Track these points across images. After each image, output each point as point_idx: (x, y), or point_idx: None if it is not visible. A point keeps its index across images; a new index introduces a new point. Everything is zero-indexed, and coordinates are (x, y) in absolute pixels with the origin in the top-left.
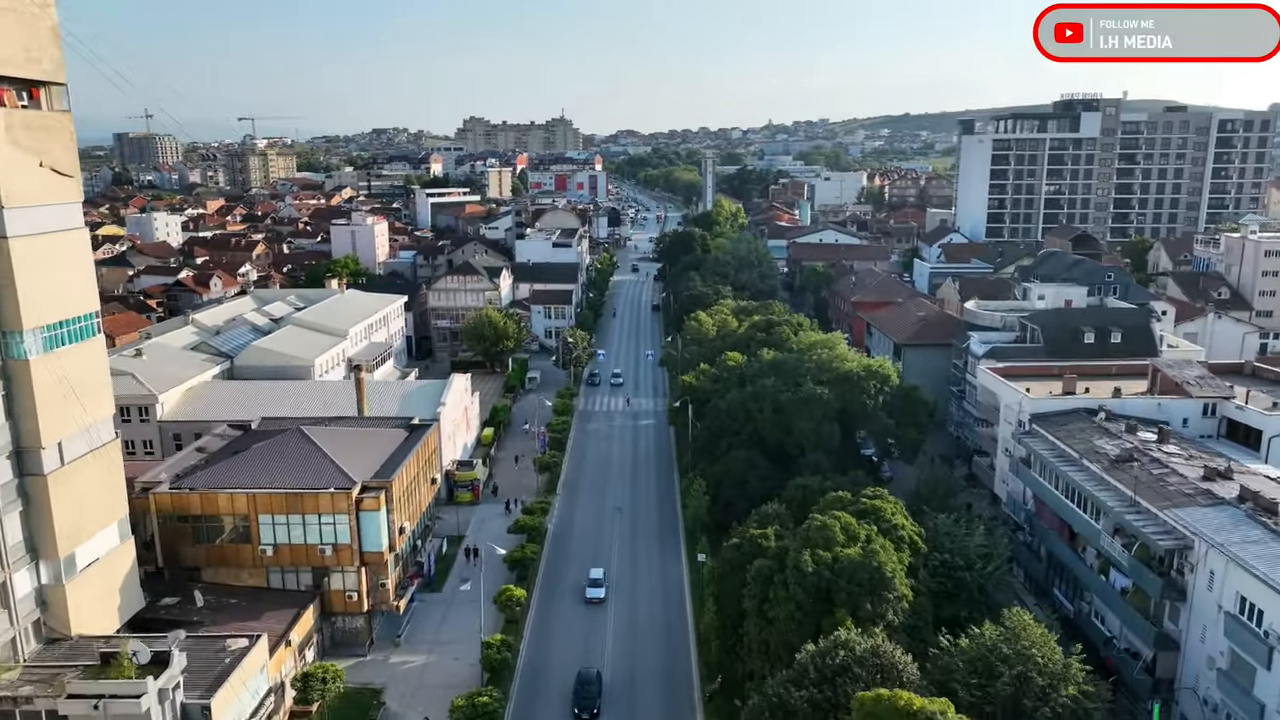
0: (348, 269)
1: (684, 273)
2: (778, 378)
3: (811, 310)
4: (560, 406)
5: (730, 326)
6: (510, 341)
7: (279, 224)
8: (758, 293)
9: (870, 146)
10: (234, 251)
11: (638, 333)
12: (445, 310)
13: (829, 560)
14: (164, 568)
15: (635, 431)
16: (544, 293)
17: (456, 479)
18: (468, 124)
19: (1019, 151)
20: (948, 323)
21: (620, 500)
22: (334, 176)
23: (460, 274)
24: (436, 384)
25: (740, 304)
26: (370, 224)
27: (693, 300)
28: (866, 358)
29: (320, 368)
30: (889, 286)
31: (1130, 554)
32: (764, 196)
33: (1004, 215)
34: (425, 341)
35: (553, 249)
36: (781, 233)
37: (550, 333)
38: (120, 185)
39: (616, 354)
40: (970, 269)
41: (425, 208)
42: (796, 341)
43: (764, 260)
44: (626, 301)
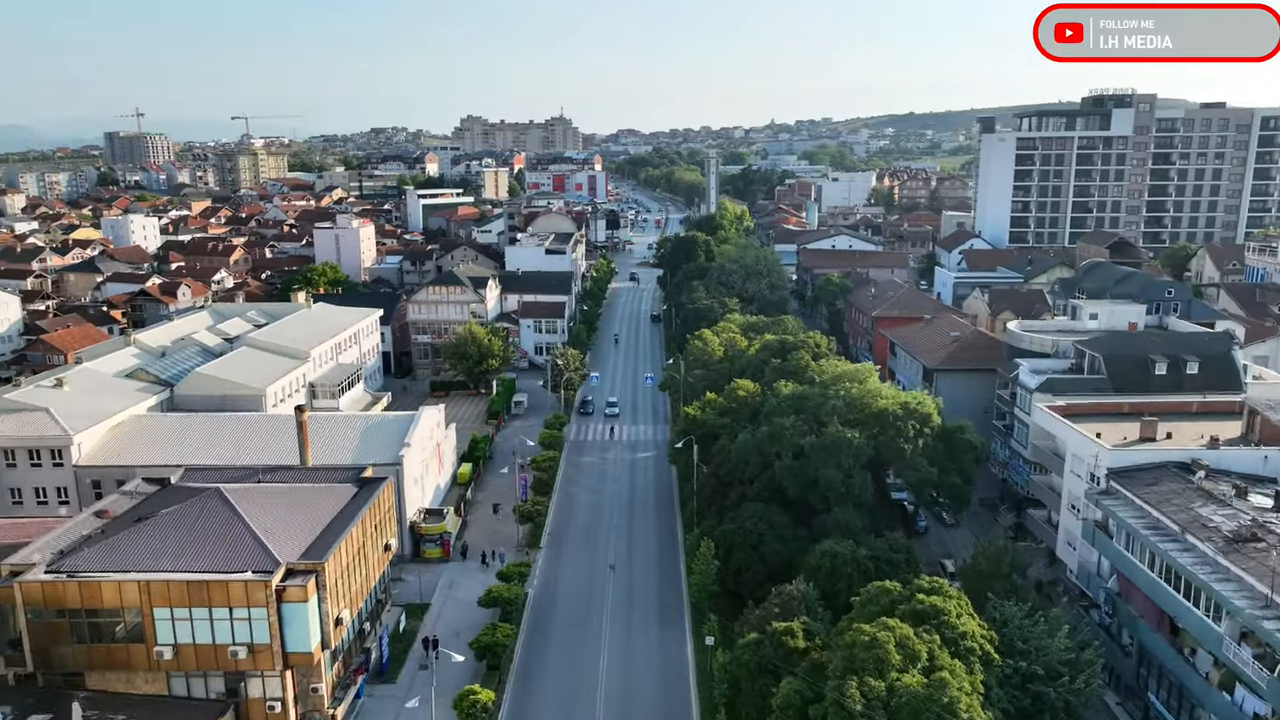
0: (325, 277)
1: (686, 282)
2: (798, 416)
3: (825, 323)
4: (547, 438)
5: (739, 346)
6: (495, 360)
7: (263, 226)
8: (767, 304)
9: (875, 146)
10: (210, 256)
11: (636, 348)
12: (426, 324)
13: (882, 694)
14: (37, 672)
15: (632, 467)
16: (534, 305)
17: (423, 532)
18: (465, 123)
19: (1045, 151)
20: (986, 345)
21: (614, 555)
22: (324, 177)
23: (442, 285)
24: (403, 418)
25: (749, 319)
26: (355, 227)
27: (696, 314)
28: (902, 392)
29: (274, 397)
30: (913, 299)
31: (1273, 676)
32: (769, 198)
33: (1028, 219)
34: (405, 358)
35: (545, 256)
36: (790, 237)
37: (541, 349)
38: (106, 186)
39: (613, 375)
40: (998, 278)
41: (417, 209)
42: (818, 370)
43: (773, 269)
44: (624, 313)
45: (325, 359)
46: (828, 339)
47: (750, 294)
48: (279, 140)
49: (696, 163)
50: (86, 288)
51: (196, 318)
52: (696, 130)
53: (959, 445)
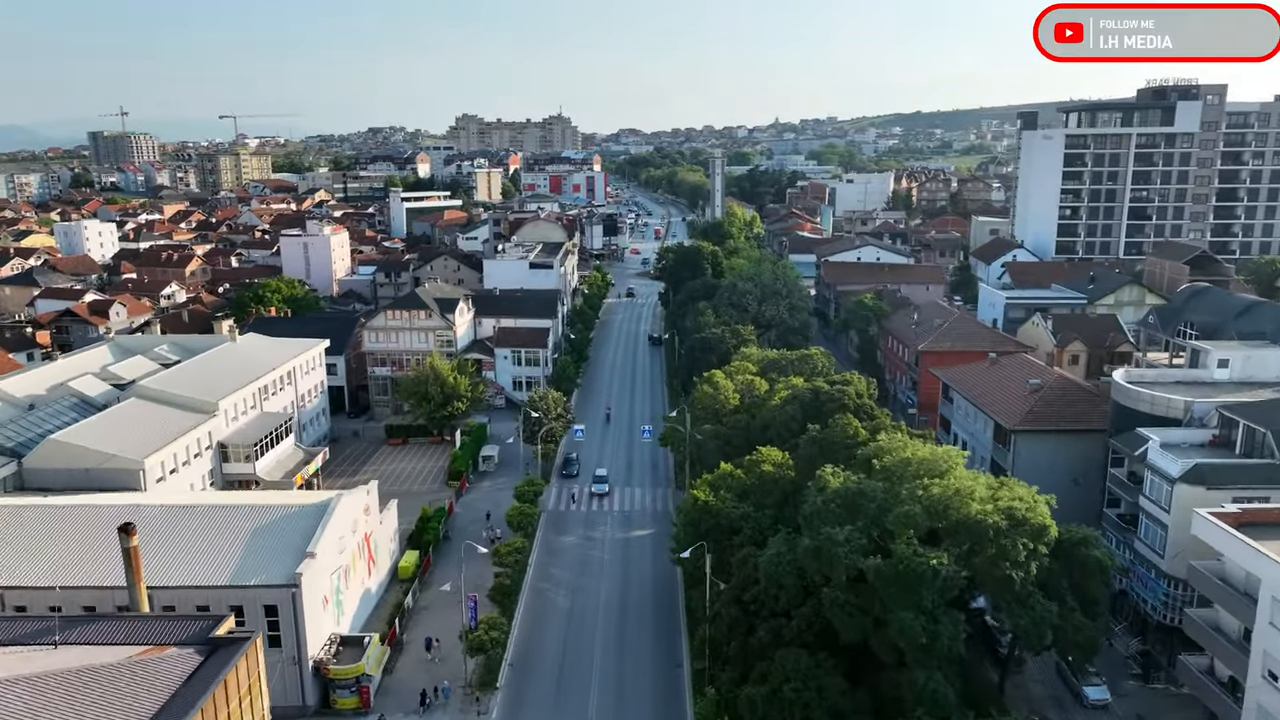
0: (280, 294)
1: (691, 302)
2: (853, 521)
3: (854, 351)
4: (517, 516)
5: (758, 391)
6: (463, 403)
7: (234, 232)
8: (786, 330)
9: (884, 145)
10: (164, 267)
11: (633, 381)
12: (385, 355)
13: None
14: None
15: (625, 553)
16: (512, 333)
17: (332, 675)
18: (460, 122)
19: (1098, 150)
20: (1078, 398)
21: (597, 711)
22: (307, 178)
23: (403, 309)
24: (312, 508)
25: (769, 355)
26: (326, 234)
27: (704, 345)
28: (1002, 489)
29: (160, 469)
30: (966, 329)
31: None
32: (779, 200)
33: (1077, 227)
34: (363, 392)
35: (529, 271)
36: (806, 246)
37: (520, 383)
38: (79, 188)
39: (603, 424)
40: (1058, 299)
41: (400, 214)
42: (876, 447)
43: (794, 289)
44: (620, 337)
45: (244, 408)
46: (867, 382)
47: (767, 318)
48: (274, 140)
49: (700, 163)
50: (21, 303)
51: (94, 353)
52: (699, 130)
53: (1084, 565)
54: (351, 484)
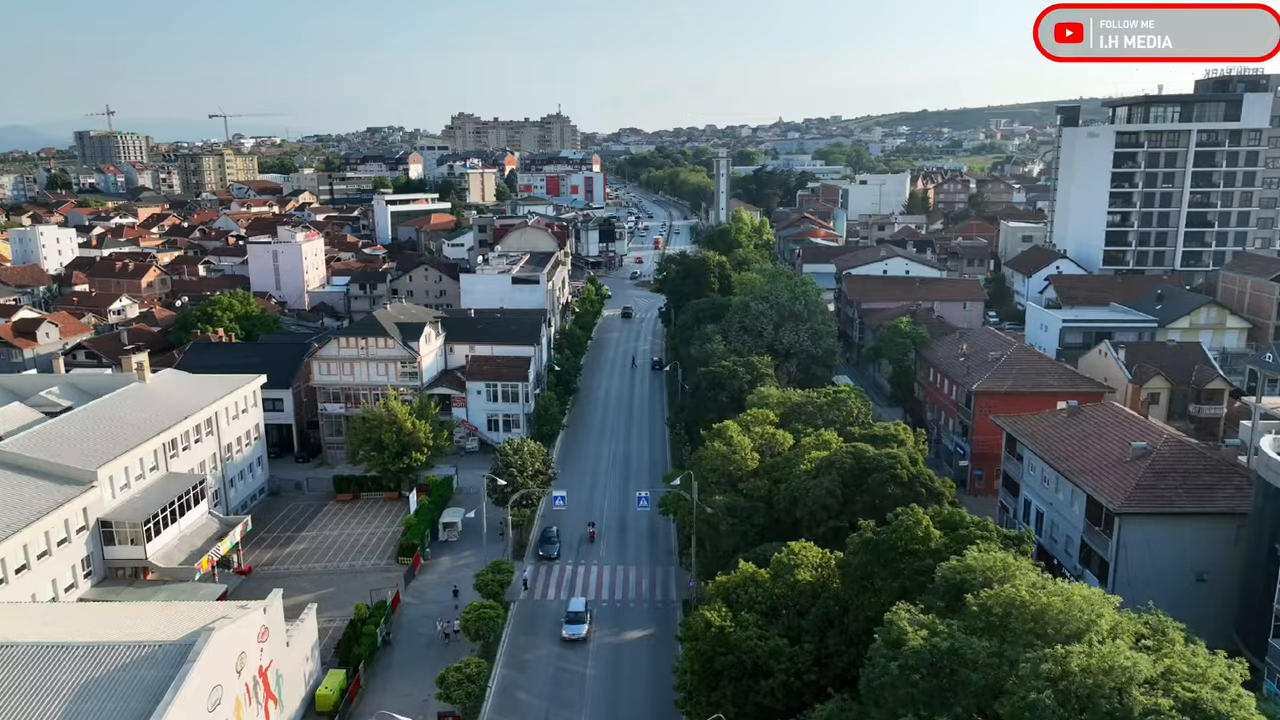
0: (231, 311)
1: (696, 324)
2: (946, 706)
3: (887, 382)
4: (475, 620)
5: (780, 446)
6: (422, 453)
7: (208, 237)
8: (808, 360)
9: (892, 145)
10: (119, 278)
11: (629, 419)
12: (338, 389)
13: None
14: None
15: (614, 671)
16: (487, 363)
17: None
18: (455, 121)
19: (1153, 148)
20: (1199, 467)
21: None
22: (291, 179)
23: (359, 335)
24: (173, 651)
25: (792, 398)
26: (298, 241)
27: (713, 382)
28: (1168, 653)
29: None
30: (1029, 364)
31: None
32: (788, 203)
33: (1127, 234)
34: (315, 431)
35: (512, 288)
36: (822, 255)
37: (496, 422)
38: (55, 190)
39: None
40: (1124, 321)
41: (385, 218)
42: (963, 567)
43: (815, 310)
44: (615, 362)
45: (140, 471)
46: (916, 435)
47: (786, 346)
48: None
49: (703, 163)
50: None
51: None
52: (701, 129)
53: None
54: (281, 557)
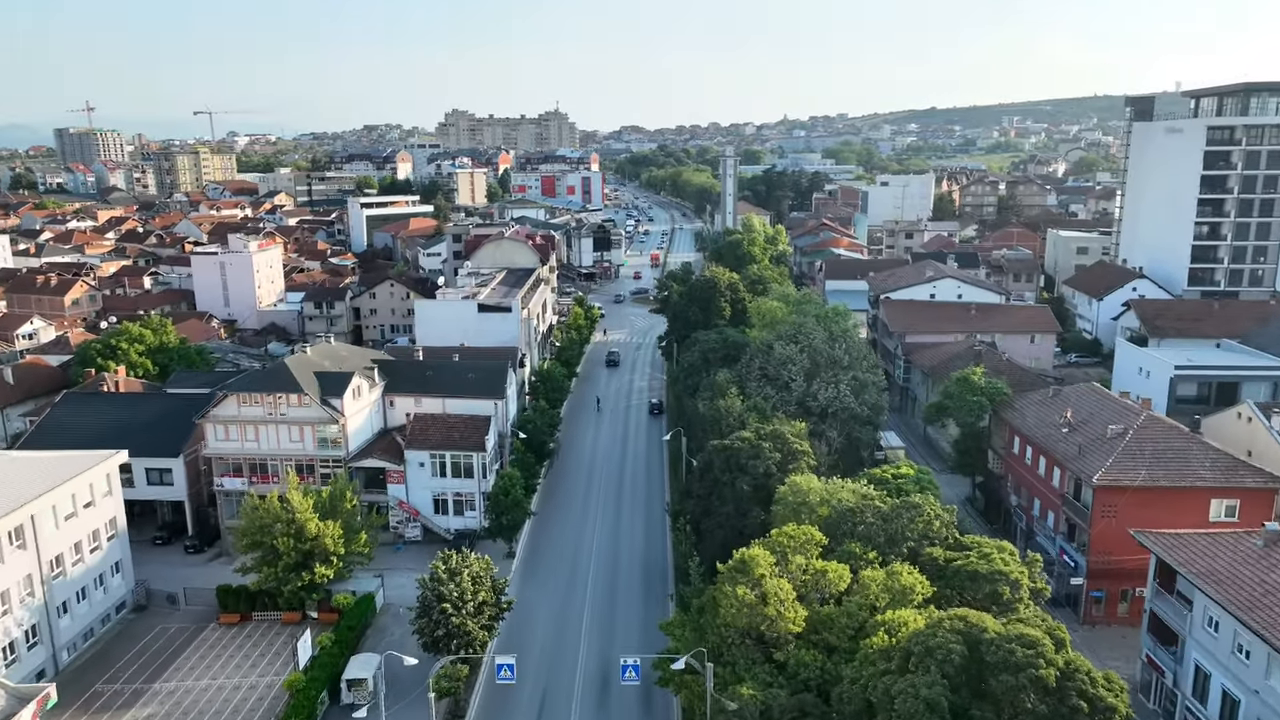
0: (142, 344)
1: (705, 366)
2: None
3: (950, 446)
4: None
5: (829, 587)
6: (330, 569)
7: (164, 244)
8: (852, 421)
9: (903, 143)
10: (39, 294)
11: (618, 494)
12: (239, 459)
13: None
14: None
15: None
16: (433, 424)
17: None
18: (449, 118)
19: (1251, 146)
20: None
21: None
22: (267, 179)
23: (265, 390)
24: None
25: (843, 498)
26: (250, 252)
27: (729, 462)
28: None
29: None
30: (1168, 443)
31: None
32: (800, 206)
33: (1218, 250)
34: (213, 511)
35: (479, 317)
36: (847, 270)
37: (442, 503)
38: (18, 190)
39: (564, 600)
40: (1255, 369)
41: (360, 222)
42: None
43: (858, 355)
44: (602, 409)
45: None
46: (1032, 574)
47: (822, 404)
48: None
49: (707, 162)
50: None
51: None
52: (705, 127)
53: None
54: None
